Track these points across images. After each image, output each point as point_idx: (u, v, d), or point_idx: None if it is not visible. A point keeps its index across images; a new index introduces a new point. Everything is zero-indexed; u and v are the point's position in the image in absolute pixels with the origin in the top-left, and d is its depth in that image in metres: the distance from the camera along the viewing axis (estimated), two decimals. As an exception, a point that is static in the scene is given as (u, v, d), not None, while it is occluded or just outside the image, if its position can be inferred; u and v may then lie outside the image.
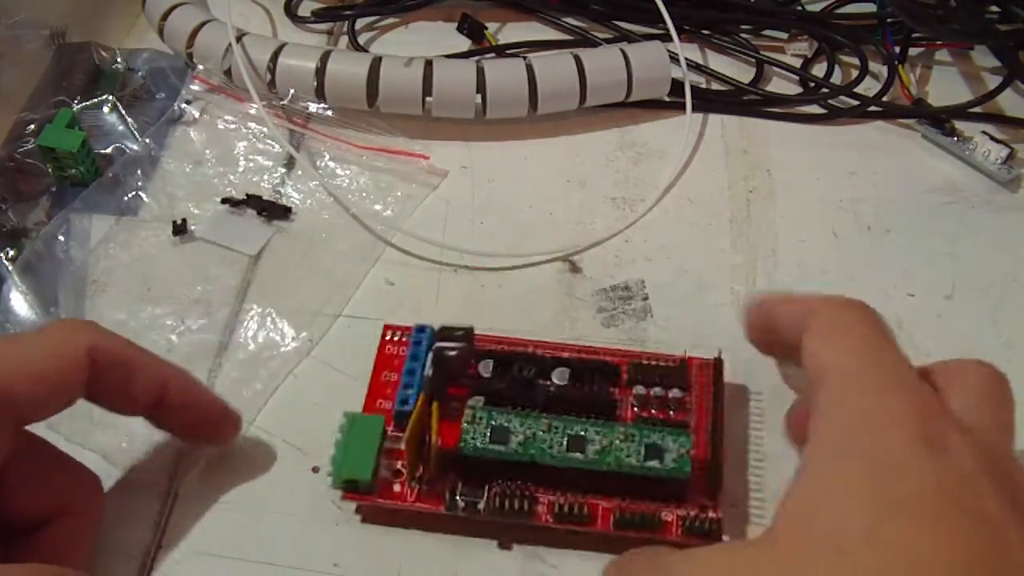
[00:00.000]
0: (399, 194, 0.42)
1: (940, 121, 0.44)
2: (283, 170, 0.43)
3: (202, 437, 0.33)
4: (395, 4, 0.50)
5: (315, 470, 0.34)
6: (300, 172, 0.43)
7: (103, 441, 0.34)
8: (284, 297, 0.39)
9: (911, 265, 0.40)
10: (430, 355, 0.34)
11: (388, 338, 0.36)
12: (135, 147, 0.43)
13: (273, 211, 0.42)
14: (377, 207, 0.42)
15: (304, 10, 0.51)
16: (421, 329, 0.35)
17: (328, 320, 0.39)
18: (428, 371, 0.33)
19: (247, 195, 0.42)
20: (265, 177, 0.43)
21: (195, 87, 0.45)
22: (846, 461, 0.24)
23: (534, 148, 0.45)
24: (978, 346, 0.38)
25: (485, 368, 0.35)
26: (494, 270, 0.40)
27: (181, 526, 0.33)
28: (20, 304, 0.38)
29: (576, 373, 0.35)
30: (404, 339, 0.36)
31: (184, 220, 0.41)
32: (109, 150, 0.43)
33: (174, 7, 0.46)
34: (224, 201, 0.42)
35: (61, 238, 0.40)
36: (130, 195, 0.42)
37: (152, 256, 0.40)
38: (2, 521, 0.29)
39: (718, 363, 0.35)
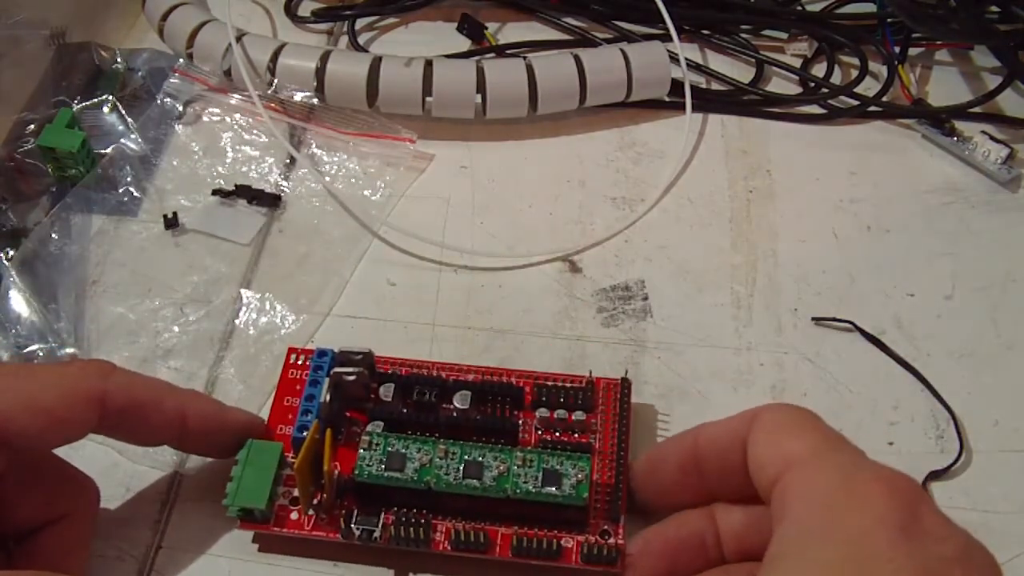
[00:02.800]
0: (388, 178, 0.43)
1: (940, 121, 0.44)
2: (271, 159, 0.44)
3: (228, 455, 0.33)
4: (395, 4, 0.50)
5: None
6: (288, 161, 0.44)
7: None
8: (280, 282, 0.40)
9: (911, 265, 0.40)
10: (327, 380, 0.33)
11: (292, 361, 0.35)
12: (135, 147, 0.43)
13: (263, 200, 0.42)
14: (366, 192, 0.42)
15: (304, 10, 0.51)
16: (322, 353, 0.34)
17: (325, 313, 0.39)
18: (325, 397, 0.33)
19: (236, 185, 0.42)
20: (253, 167, 0.43)
21: (176, 81, 0.45)
22: (817, 551, 0.23)
23: (534, 148, 0.45)
24: (978, 346, 0.38)
25: (386, 392, 0.34)
26: (494, 270, 0.40)
27: (181, 526, 0.33)
28: (19, 302, 0.38)
29: (478, 396, 0.34)
30: (308, 363, 0.35)
31: (175, 213, 0.41)
32: (109, 150, 0.43)
33: (174, 7, 0.46)
34: (215, 192, 0.42)
35: (55, 236, 0.40)
36: (121, 191, 0.42)
37: (147, 250, 0.41)
38: None
39: (625, 384, 0.34)
